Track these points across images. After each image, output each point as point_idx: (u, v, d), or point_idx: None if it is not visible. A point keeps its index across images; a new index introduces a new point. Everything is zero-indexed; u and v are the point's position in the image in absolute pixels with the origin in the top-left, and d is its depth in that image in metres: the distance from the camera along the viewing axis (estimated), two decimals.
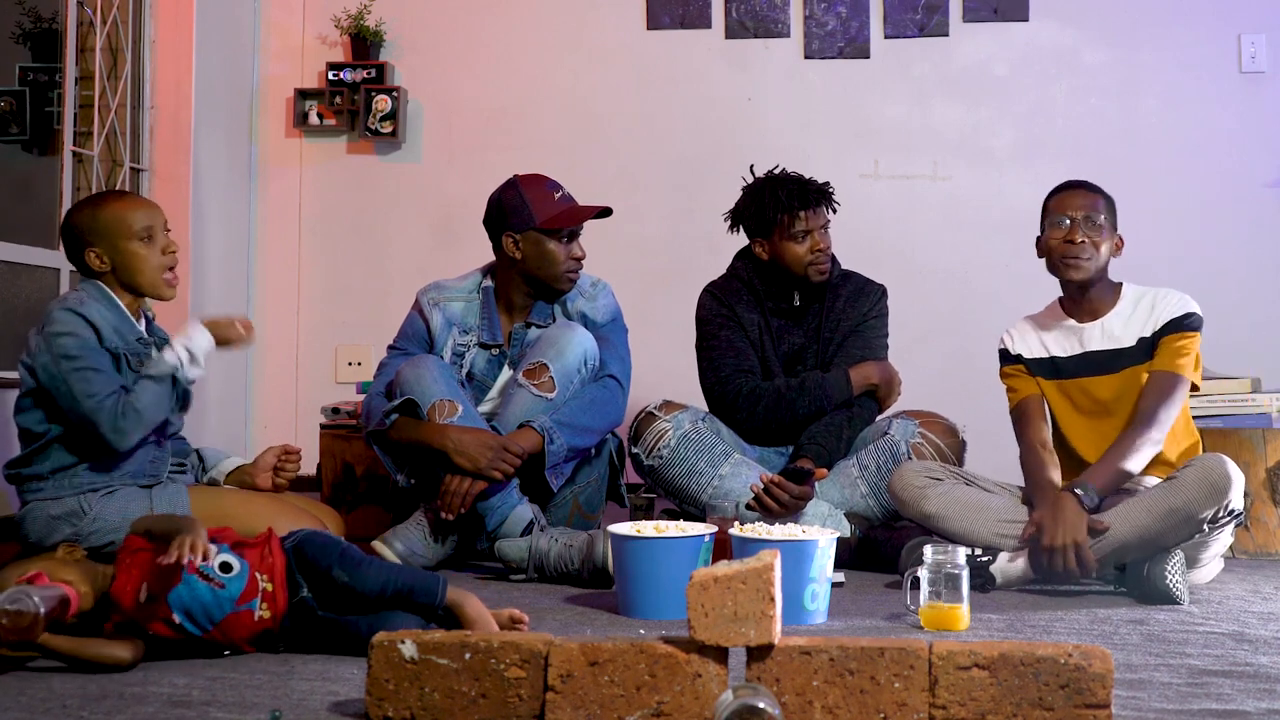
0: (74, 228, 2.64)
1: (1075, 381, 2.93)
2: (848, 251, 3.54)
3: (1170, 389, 2.79)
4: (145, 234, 2.60)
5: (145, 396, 2.51)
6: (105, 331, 2.54)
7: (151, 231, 2.61)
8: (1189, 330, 2.84)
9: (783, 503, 2.99)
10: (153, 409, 2.52)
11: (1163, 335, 2.85)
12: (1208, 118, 4.55)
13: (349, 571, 2.08)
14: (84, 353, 2.50)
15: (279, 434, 4.66)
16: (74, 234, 2.63)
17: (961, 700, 1.58)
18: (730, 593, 1.57)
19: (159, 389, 2.52)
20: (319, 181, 4.89)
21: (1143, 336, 2.87)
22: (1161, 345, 2.84)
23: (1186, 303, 2.88)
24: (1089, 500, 2.64)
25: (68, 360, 2.49)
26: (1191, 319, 2.85)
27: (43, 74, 4.87)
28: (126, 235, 2.59)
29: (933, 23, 4.65)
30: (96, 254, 2.60)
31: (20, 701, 1.78)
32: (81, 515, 2.53)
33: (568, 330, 3.10)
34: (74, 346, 2.50)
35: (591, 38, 4.80)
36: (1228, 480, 2.56)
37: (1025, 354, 2.99)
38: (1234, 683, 1.93)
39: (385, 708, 1.65)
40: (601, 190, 3.87)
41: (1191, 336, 2.84)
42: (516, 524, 2.94)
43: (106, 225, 2.59)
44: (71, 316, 2.51)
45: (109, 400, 2.48)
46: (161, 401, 2.54)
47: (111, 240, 2.59)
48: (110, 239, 2.59)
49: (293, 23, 4.91)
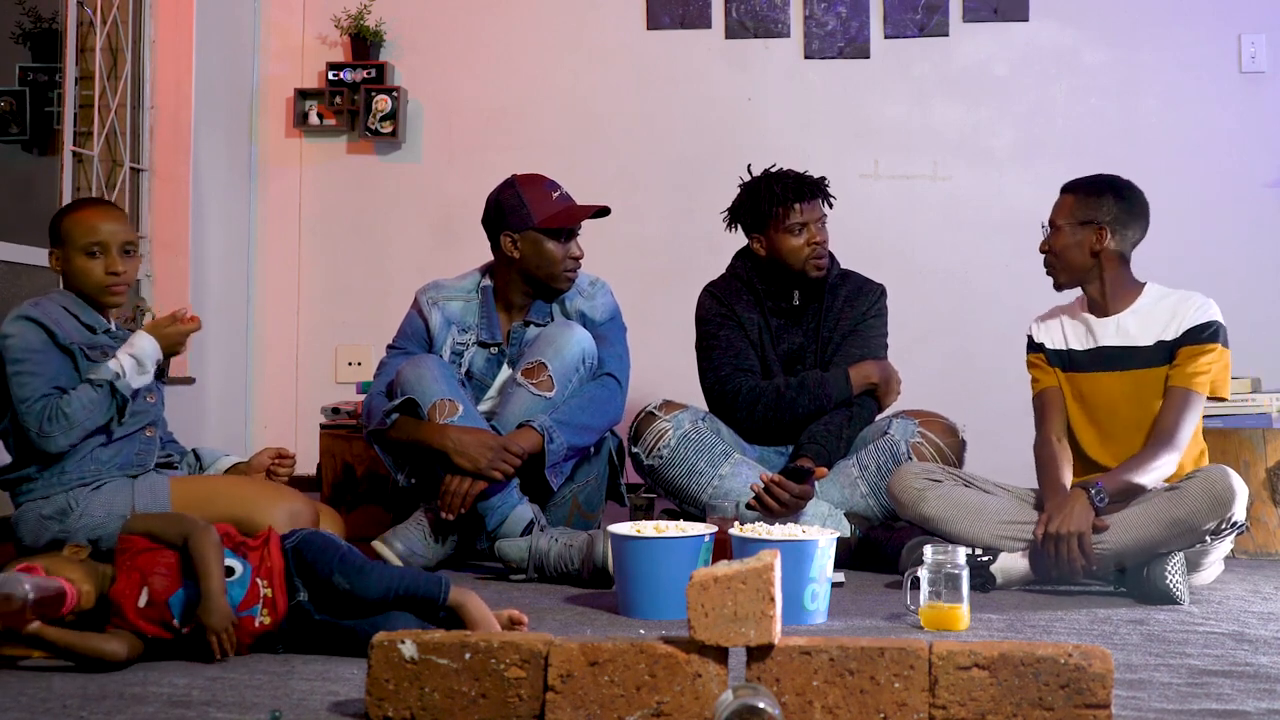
0: (51, 227, 2.72)
1: (1086, 376, 2.92)
2: (847, 251, 3.54)
3: (1186, 406, 2.77)
4: (94, 249, 2.63)
5: (77, 402, 2.53)
6: (64, 329, 2.58)
7: (101, 248, 2.64)
8: (1209, 343, 2.80)
9: (783, 502, 2.99)
10: (84, 414, 2.53)
11: (1182, 344, 2.82)
12: (1208, 118, 4.55)
13: (350, 578, 2.08)
14: (25, 355, 2.54)
15: (279, 434, 4.66)
16: (50, 232, 2.71)
17: (961, 700, 1.58)
18: (730, 593, 1.57)
19: (95, 395, 2.55)
20: (319, 181, 4.89)
21: (1162, 340, 2.84)
22: (1180, 356, 2.81)
23: (1209, 310, 2.84)
24: (1098, 500, 2.64)
25: (11, 364, 2.55)
26: (1212, 330, 2.81)
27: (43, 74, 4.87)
28: (76, 246, 2.64)
29: (933, 23, 4.65)
30: (55, 256, 2.68)
31: (20, 701, 1.78)
32: (69, 512, 2.55)
33: (566, 329, 3.11)
34: (16, 349, 2.55)
35: (591, 38, 4.80)
36: (1231, 493, 2.56)
37: (1047, 344, 2.98)
38: (1234, 683, 1.93)
39: (385, 708, 1.65)
40: (601, 190, 3.87)
41: (1211, 350, 2.80)
42: (516, 524, 2.94)
43: (65, 232, 2.66)
44: (19, 322, 2.57)
45: (38, 404, 2.52)
46: (96, 408, 2.55)
47: (65, 248, 2.65)
48: (65, 245, 2.65)
49: (293, 23, 4.91)
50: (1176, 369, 2.81)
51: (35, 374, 2.53)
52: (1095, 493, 2.64)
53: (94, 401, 2.54)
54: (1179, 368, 2.80)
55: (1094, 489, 2.64)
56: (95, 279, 2.64)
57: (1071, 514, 2.62)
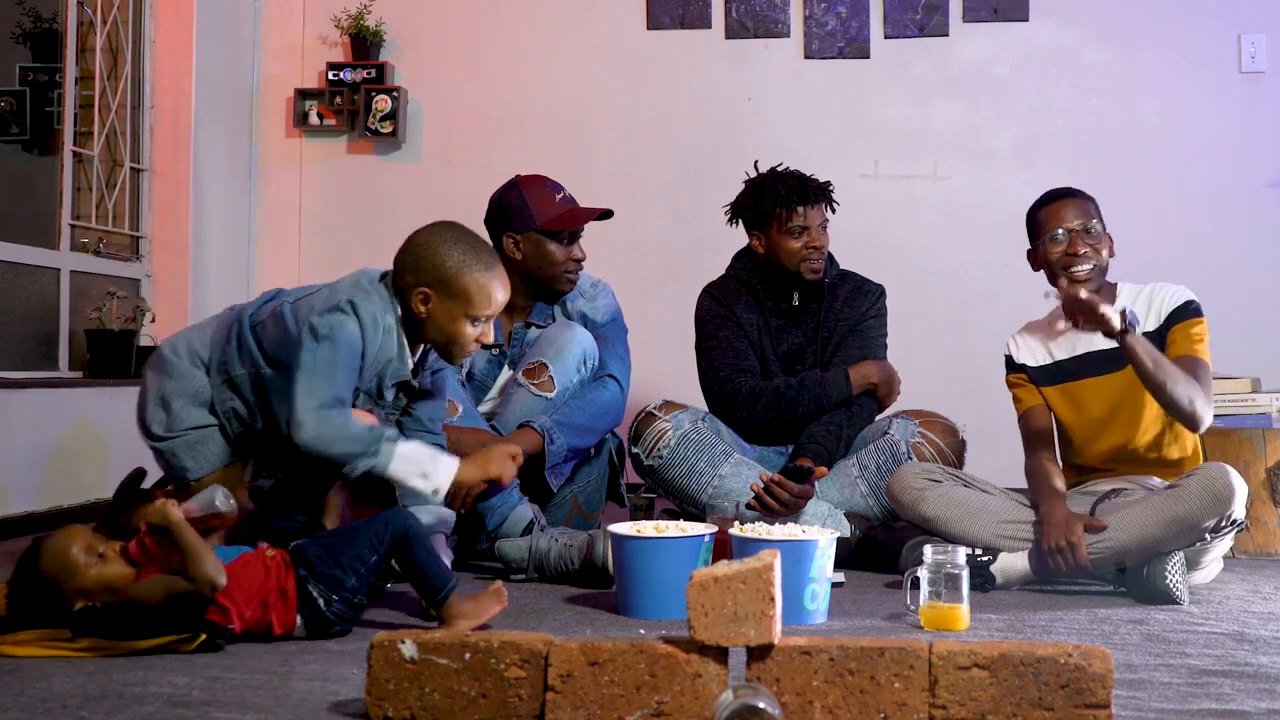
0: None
1: (1080, 383, 2.92)
2: (847, 251, 3.54)
3: (1196, 370, 2.76)
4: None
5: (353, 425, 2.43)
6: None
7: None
8: (1195, 316, 2.84)
9: (783, 502, 2.98)
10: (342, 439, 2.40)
11: (1171, 325, 2.84)
12: (1208, 118, 4.55)
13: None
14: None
15: None
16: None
17: (961, 700, 1.58)
18: (730, 593, 1.57)
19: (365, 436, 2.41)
20: (319, 181, 4.90)
21: (1146, 331, 2.85)
22: (1174, 334, 2.83)
23: (1183, 292, 2.88)
24: (1133, 319, 2.64)
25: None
26: (1193, 305, 2.85)
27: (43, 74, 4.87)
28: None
29: (933, 23, 4.65)
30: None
31: (20, 701, 1.78)
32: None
33: (567, 330, 3.11)
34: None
35: (591, 38, 4.80)
36: (1231, 490, 2.56)
37: (1029, 362, 2.98)
38: (1234, 683, 1.93)
39: (385, 708, 1.65)
40: (601, 190, 3.87)
41: (1200, 322, 2.84)
42: (516, 524, 2.94)
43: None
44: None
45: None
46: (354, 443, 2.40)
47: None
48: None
49: (293, 22, 4.92)
50: (1174, 345, 2.82)
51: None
52: (1131, 316, 2.62)
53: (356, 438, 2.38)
54: (1175, 344, 2.82)
55: (1129, 313, 2.62)
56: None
57: (1055, 525, 2.64)
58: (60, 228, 4.14)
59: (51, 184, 4.22)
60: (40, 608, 2.08)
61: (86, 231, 4.25)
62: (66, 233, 4.15)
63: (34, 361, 4.00)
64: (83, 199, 4.26)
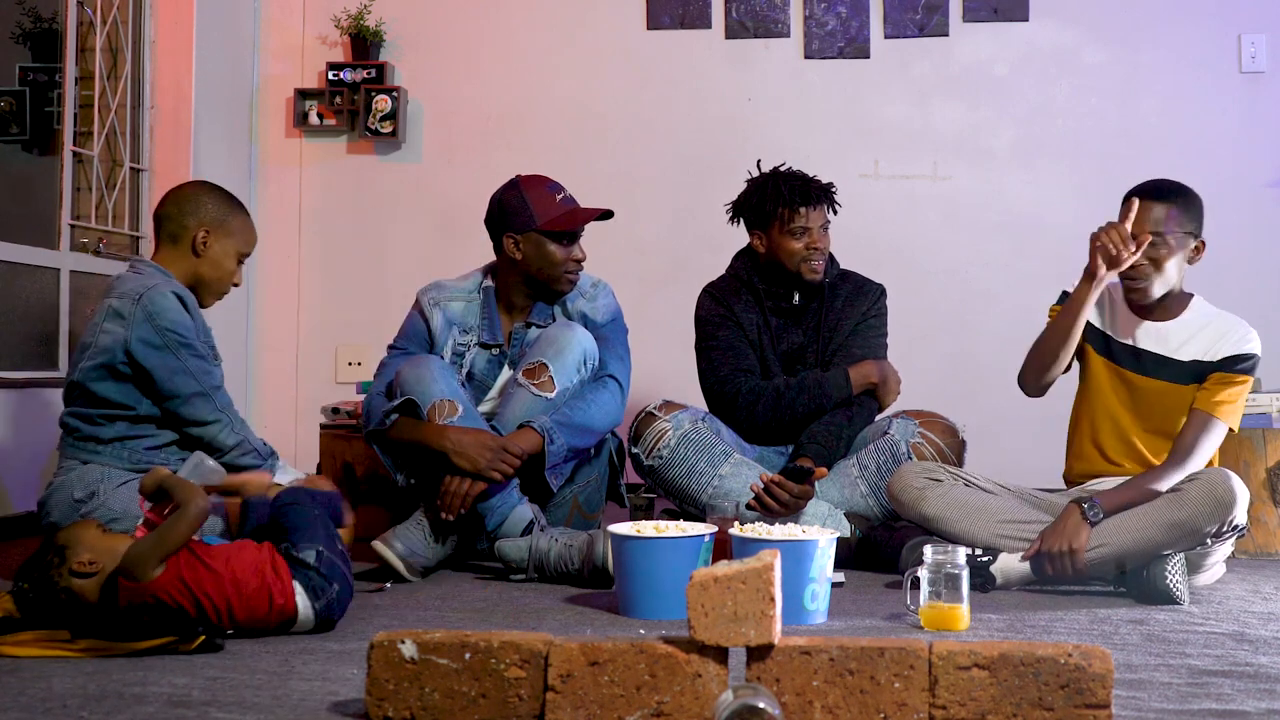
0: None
1: (1117, 368, 2.89)
2: (847, 251, 3.54)
3: (1207, 430, 2.74)
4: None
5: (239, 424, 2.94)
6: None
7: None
8: (1243, 374, 2.77)
9: (783, 502, 2.99)
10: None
11: (1216, 369, 2.78)
12: (1208, 118, 4.55)
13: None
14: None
15: (279, 434, 4.66)
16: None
17: (961, 700, 1.58)
18: (730, 593, 1.57)
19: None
20: (319, 181, 4.90)
21: (1199, 360, 2.80)
22: (1211, 381, 2.78)
23: (1251, 340, 2.79)
24: (1093, 516, 2.64)
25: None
26: (1250, 363, 2.78)
27: (43, 74, 4.88)
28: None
29: (933, 23, 4.65)
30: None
31: (20, 701, 1.78)
32: (97, 496, 2.76)
33: (567, 330, 3.10)
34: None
35: (591, 38, 4.80)
36: (1232, 496, 2.56)
37: (1094, 320, 2.92)
38: (1234, 683, 1.93)
39: (385, 708, 1.65)
40: (601, 190, 3.87)
41: (1243, 382, 2.78)
42: (516, 524, 2.94)
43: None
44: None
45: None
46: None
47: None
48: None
49: (293, 22, 4.91)
50: (1204, 393, 2.77)
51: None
52: (1090, 510, 2.65)
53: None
54: (1207, 392, 2.77)
55: (1089, 506, 2.65)
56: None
57: (1064, 531, 2.65)
58: (60, 228, 4.14)
59: (51, 184, 4.22)
60: (45, 583, 2.11)
61: (86, 231, 4.25)
62: (66, 233, 4.15)
63: (34, 361, 4.00)
64: (82, 199, 4.26)
